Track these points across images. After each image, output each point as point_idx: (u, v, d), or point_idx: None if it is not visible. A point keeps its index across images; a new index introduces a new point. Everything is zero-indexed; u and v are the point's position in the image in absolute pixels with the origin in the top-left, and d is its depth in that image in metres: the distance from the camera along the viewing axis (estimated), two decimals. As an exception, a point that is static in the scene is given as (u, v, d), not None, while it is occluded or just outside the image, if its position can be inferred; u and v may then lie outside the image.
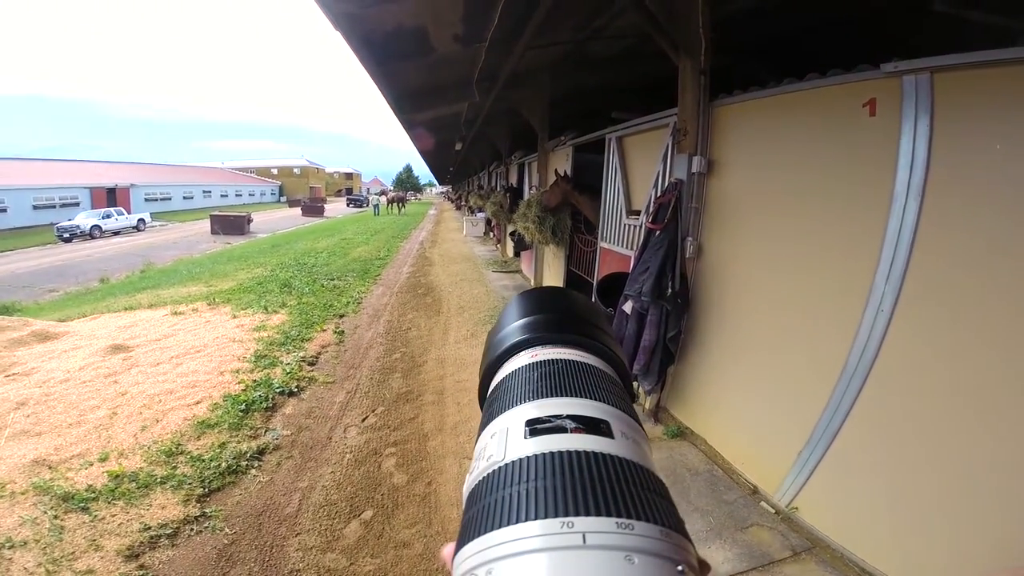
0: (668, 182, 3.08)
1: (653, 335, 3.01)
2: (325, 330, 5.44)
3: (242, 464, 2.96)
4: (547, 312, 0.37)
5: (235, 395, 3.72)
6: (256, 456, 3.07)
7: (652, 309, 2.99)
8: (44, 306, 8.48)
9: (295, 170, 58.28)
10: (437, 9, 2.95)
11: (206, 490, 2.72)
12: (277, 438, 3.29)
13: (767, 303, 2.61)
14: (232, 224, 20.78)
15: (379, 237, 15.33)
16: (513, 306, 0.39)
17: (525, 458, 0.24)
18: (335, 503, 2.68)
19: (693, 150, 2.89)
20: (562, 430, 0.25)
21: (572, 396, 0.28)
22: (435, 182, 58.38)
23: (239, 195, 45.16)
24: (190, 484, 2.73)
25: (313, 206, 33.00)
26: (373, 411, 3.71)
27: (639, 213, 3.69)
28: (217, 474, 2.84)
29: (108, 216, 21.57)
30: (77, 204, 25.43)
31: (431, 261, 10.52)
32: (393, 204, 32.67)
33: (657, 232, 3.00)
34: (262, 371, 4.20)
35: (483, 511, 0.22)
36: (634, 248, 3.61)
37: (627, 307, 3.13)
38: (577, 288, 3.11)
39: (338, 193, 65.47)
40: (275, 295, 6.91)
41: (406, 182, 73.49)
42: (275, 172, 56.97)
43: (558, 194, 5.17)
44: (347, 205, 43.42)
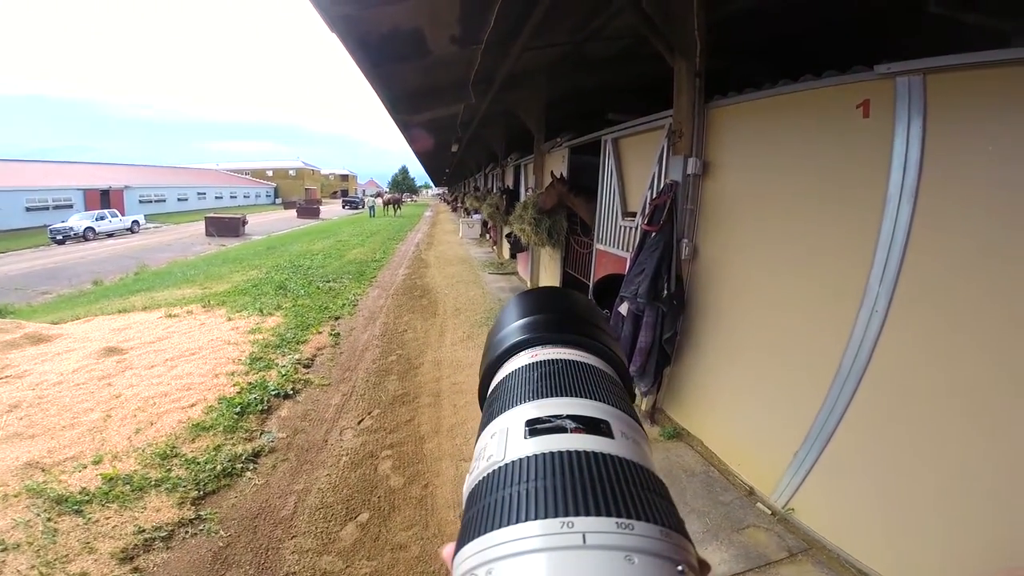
0: (664, 184, 3.09)
1: (649, 337, 3.02)
2: (321, 332, 5.42)
3: (237, 467, 2.94)
4: (547, 312, 0.37)
5: (230, 397, 3.70)
6: (251, 459, 3.05)
7: (648, 311, 3.00)
8: (37, 308, 8.40)
9: (290, 172, 58.04)
10: (434, 11, 2.95)
11: (201, 493, 2.70)
12: (272, 441, 3.27)
13: (762, 305, 2.62)
14: (227, 226, 20.64)
15: (375, 239, 15.28)
16: (513, 306, 0.39)
17: (525, 458, 0.24)
18: (331, 506, 2.67)
19: (688, 152, 2.90)
20: (562, 430, 0.25)
21: (572, 396, 0.28)
22: (431, 184, 58.31)
23: (234, 197, 44.93)
24: (185, 487, 2.71)
25: (308, 208, 32.88)
26: (369, 413, 3.69)
27: (635, 215, 3.70)
28: (212, 477, 2.82)
29: (102, 218, 21.36)
30: (70, 206, 25.16)
31: (427, 263, 10.50)
32: (389, 206, 32.58)
33: (653, 234, 3.01)
34: (257, 373, 4.18)
35: (483, 511, 0.22)
36: (630, 250, 3.61)
37: (623, 309, 3.14)
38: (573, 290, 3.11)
39: (333, 195, 65.29)
40: (270, 297, 6.88)
41: (402, 184, 73.37)
42: (270, 174, 56.76)
43: (554, 196, 5.18)
44: (343, 207, 43.31)
